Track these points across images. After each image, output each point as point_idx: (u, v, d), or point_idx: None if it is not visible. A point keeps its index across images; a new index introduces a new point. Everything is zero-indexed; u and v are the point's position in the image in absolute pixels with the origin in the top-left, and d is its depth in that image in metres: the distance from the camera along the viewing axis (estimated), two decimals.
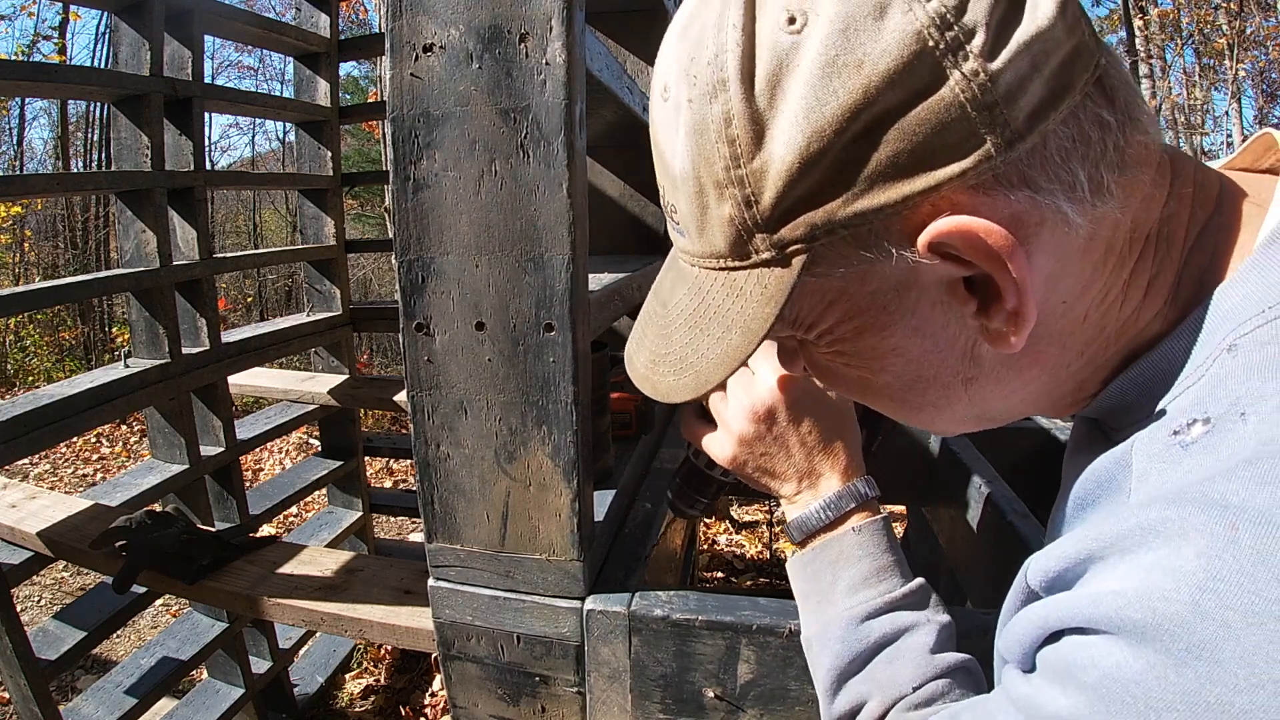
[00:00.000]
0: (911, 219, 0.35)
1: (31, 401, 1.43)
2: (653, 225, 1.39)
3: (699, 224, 0.39)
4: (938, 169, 0.33)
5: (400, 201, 0.65)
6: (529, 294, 0.64)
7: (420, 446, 0.71)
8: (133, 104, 1.63)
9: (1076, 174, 0.34)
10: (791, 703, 0.68)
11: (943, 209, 0.34)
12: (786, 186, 0.35)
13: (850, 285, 0.38)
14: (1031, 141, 0.33)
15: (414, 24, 0.61)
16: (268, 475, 4.38)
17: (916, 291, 0.38)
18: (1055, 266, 0.36)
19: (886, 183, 0.33)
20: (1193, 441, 0.34)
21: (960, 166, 0.33)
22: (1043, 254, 0.36)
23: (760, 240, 0.37)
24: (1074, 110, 0.33)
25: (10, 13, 8.69)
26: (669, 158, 0.39)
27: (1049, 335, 0.39)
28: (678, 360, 0.43)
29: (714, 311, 0.41)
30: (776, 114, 0.34)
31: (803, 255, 0.36)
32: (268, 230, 13.12)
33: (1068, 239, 0.36)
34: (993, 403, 0.43)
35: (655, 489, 0.99)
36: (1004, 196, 0.34)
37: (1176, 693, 0.28)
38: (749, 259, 0.38)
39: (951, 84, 0.32)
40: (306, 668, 2.42)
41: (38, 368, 6.79)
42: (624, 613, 0.70)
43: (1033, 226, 0.35)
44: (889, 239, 0.35)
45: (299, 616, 1.14)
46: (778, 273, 0.37)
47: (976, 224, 0.33)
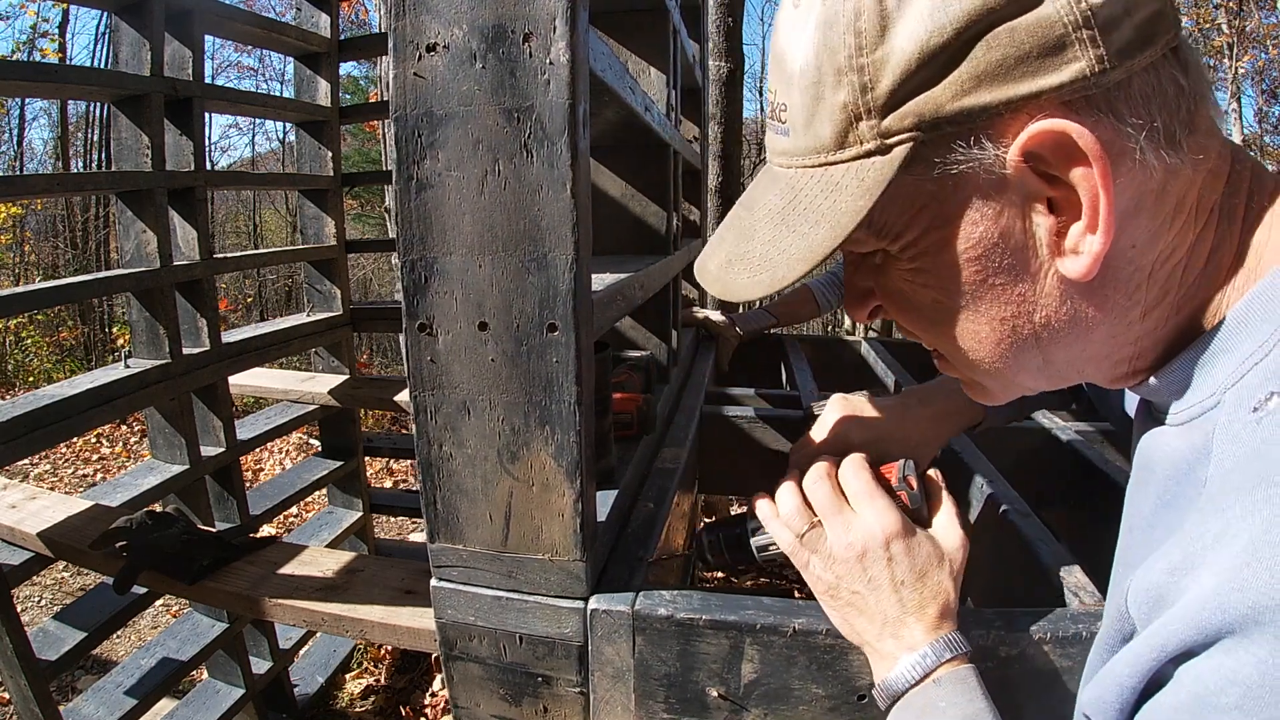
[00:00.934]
0: (1010, 124, 0.38)
1: (31, 402, 1.42)
2: (655, 226, 1.39)
3: (809, 115, 0.41)
4: (1039, 78, 0.36)
5: (403, 201, 0.65)
6: (532, 294, 0.64)
7: (423, 446, 0.71)
8: (133, 104, 1.63)
9: (1155, 118, 0.37)
10: (795, 702, 0.68)
11: (1040, 117, 0.37)
12: (903, 77, 0.38)
13: (942, 190, 0.40)
14: (1120, 75, 0.36)
15: (417, 23, 0.61)
16: (268, 475, 4.38)
17: (1003, 205, 0.40)
18: (1129, 204, 0.39)
19: (993, 84, 0.37)
20: (1269, 414, 0.34)
21: (1059, 79, 0.36)
22: (1122, 186, 0.38)
23: (867, 128, 0.39)
24: (1155, 62, 0.37)
25: (10, 12, 8.68)
26: (790, 56, 0.42)
27: (1116, 279, 0.41)
28: (757, 258, 0.44)
29: (804, 208, 0.42)
30: (903, 12, 0.37)
31: (905, 146, 0.39)
32: (268, 230, 13.11)
33: (1143, 180, 0.38)
34: (1058, 349, 0.44)
35: (658, 489, 0.99)
36: (1092, 118, 0.37)
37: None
38: (852, 149, 0.40)
39: (1058, 5, 0.35)
40: (307, 668, 2.42)
41: (38, 368, 6.79)
42: (628, 612, 0.70)
43: (1116, 154, 0.37)
44: (988, 139, 0.38)
45: (299, 617, 1.14)
46: (877, 164, 0.40)
47: (1071, 126, 0.36)
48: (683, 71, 1.64)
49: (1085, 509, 1.12)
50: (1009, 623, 0.65)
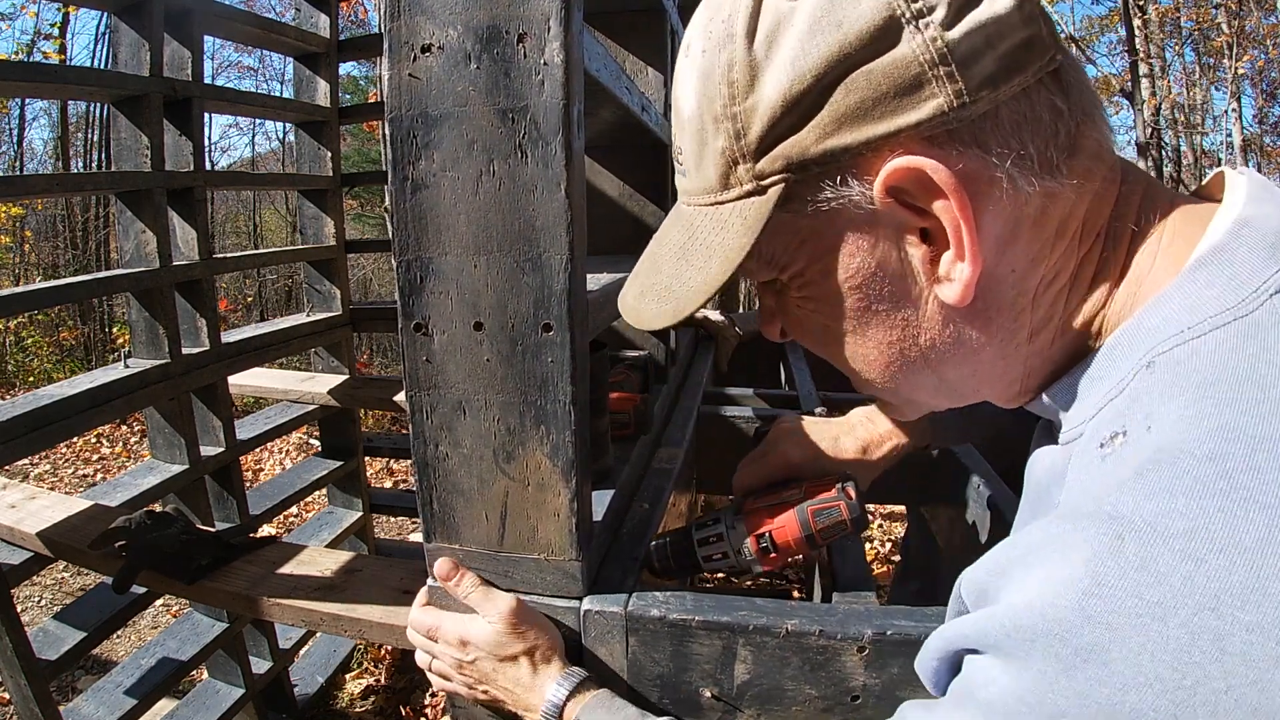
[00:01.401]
0: (874, 162, 0.39)
1: (31, 402, 1.43)
2: (651, 225, 1.39)
3: (697, 158, 0.45)
4: (897, 116, 0.38)
5: (398, 202, 0.65)
6: (527, 294, 0.64)
7: (419, 446, 0.71)
8: (132, 104, 1.63)
9: (1026, 145, 0.38)
10: (788, 702, 0.68)
11: (900, 154, 0.39)
12: (770, 123, 0.40)
13: (820, 224, 0.43)
14: (983, 106, 0.38)
15: (412, 24, 0.61)
16: (268, 475, 4.38)
17: (877, 236, 0.42)
18: (1005, 230, 0.40)
19: (853, 125, 0.39)
20: (1111, 454, 0.37)
21: (917, 116, 0.38)
22: (993, 214, 0.40)
23: (744, 171, 0.42)
24: (1026, 90, 0.38)
25: (11, 12, 8.68)
26: (681, 103, 0.45)
27: (999, 302, 0.43)
28: (663, 289, 0.48)
29: (700, 243, 0.46)
30: (770, 63, 0.40)
31: (778, 187, 0.42)
32: (268, 230, 13.11)
33: (1018, 206, 0.40)
34: (948, 369, 0.46)
35: (654, 489, 0.99)
36: (956, 151, 0.38)
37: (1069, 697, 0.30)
38: (734, 189, 0.43)
39: (913, 45, 0.37)
40: (307, 668, 2.42)
41: (38, 368, 6.80)
42: (621, 613, 0.70)
43: (983, 184, 0.39)
44: (853, 178, 0.40)
45: (299, 616, 1.14)
46: (756, 203, 0.42)
47: (925, 162, 0.38)
48: None
49: None
50: None
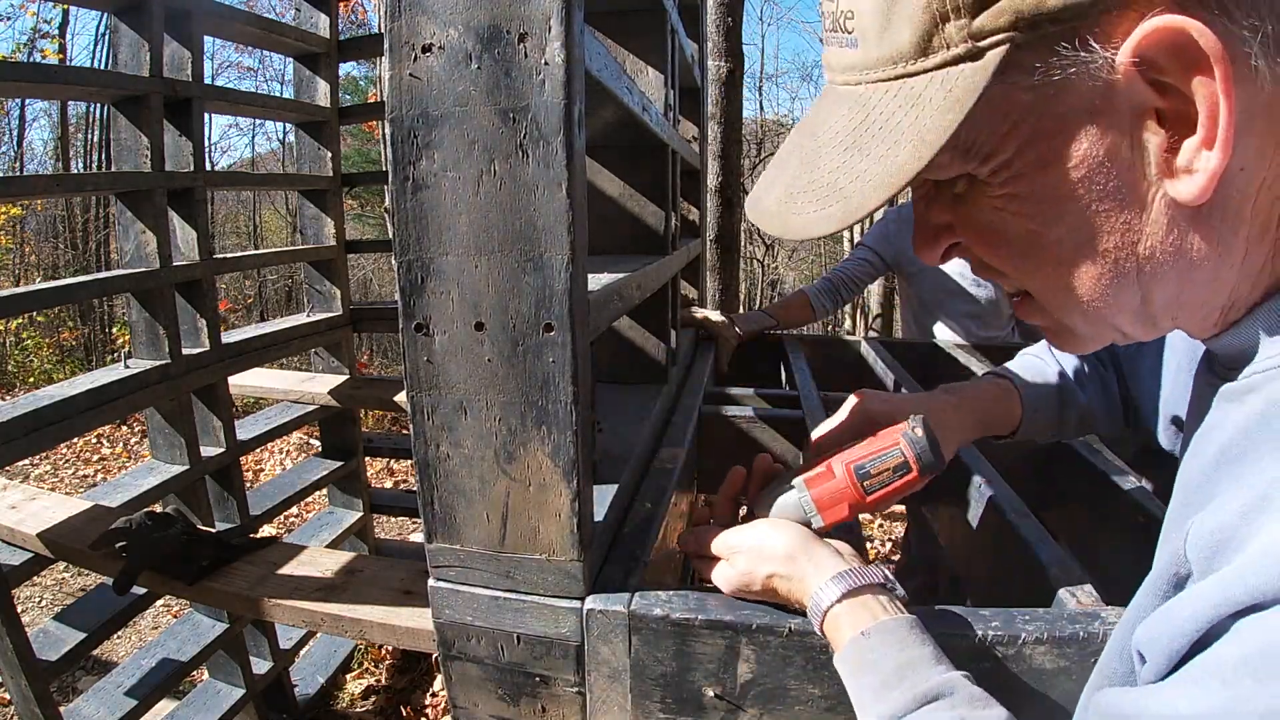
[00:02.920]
0: (1120, 22, 0.33)
1: (32, 402, 1.43)
2: (653, 225, 1.39)
3: (884, 19, 0.36)
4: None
5: (399, 202, 0.65)
6: (528, 294, 0.64)
7: (420, 447, 0.71)
8: (132, 105, 1.63)
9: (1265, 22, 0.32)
10: (791, 702, 0.68)
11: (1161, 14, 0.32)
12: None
13: (1041, 102, 0.35)
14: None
15: (412, 24, 0.61)
16: (268, 476, 4.38)
17: (1109, 118, 0.35)
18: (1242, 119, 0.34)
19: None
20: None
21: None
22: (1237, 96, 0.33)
23: (955, 29, 0.34)
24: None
25: (10, 13, 8.68)
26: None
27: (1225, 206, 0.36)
28: (825, 187, 0.39)
29: (880, 127, 0.37)
30: None
31: (1000, 49, 0.34)
32: (268, 231, 13.12)
33: (1253, 90, 0.34)
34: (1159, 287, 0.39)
35: (655, 489, 0.99)
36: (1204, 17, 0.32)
37: None
38: (936, 55, 0.35)
39: None
40: (307, 668, 2.42)
41: (38, 368, 6.80)
42: (624, 612, 0.70)
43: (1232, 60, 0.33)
44: (1096, 40, 0.33)
45: (299, 617, 1.14)
46: (967, 71, 0.35)
47: (1192, 24, 0.32)
48: (681, 71, 1.64)
49: (1084, 510, 1.12)
50: (1006, 622, 0.65)
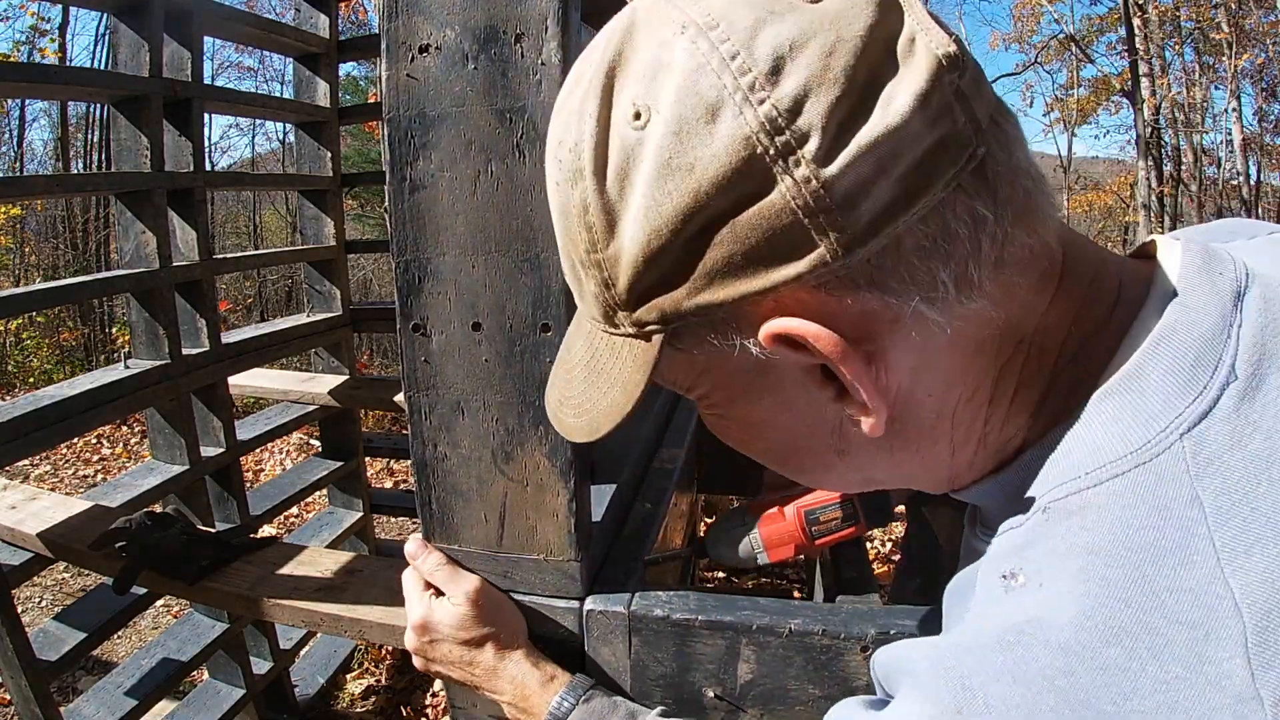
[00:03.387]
0: (755, 313, 0.35)
1: (32, 402, 1.43)
2: None
3: (578, 292, 0.41)
4: (773, 270, 0.33)
5: (397, 202, 0.65)
6: (525, 294, 0.64)
7: (417, 447, 0.71)
8: (132, 105, 1.63)
9: (937, 274, 0.33)
10: (792, 702, 0.68)
11: (787, 305, 0.34)
12: (635, 276, 0.35)
13: (714, 360, 0.39)
14: (879, 244, 0.32)
15: (409, 25, 0.61)
16: (268, 476, 4.38)
17: (777, 374, 0.38)
18: (917, 361, 0.36)
19: (724, 280, 0.34)
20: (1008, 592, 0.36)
21: (795, 270, 0.32)
22: (901, 349, 0.35)
23: (623, 317, 0.38)
24: (936, 207, 0.32)
25: (10, 13, 8.68)
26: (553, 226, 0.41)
27: (917, 426, 0.39)
28: (577, 404, 0.44)
29: (602, 366, 0.42)
30: (625, 206, 0.34)
31: (660, 334, 0.37)
32: (268, 231, 13.12)
33: (929, 336, 0.35)
34: (873, 471, 0.43)
35: (656, 489, 0.99)
36: (851, 296, 0.33)
37: None
38: (620, 329, 0.39)
39: (782, 190, 0.31)
40: (307, 668, 2.42)
41: (38, 369, 6.80)
42: (624, 613, 0.70)
43: (886, 324, 0.34)
44: (736, 330, 0.36)
45: (299, 617, 1.14)
46: (643, 345, 0.39)
47: (806, 329, 0.33)
48: None
49: None
50: None
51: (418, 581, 0.75)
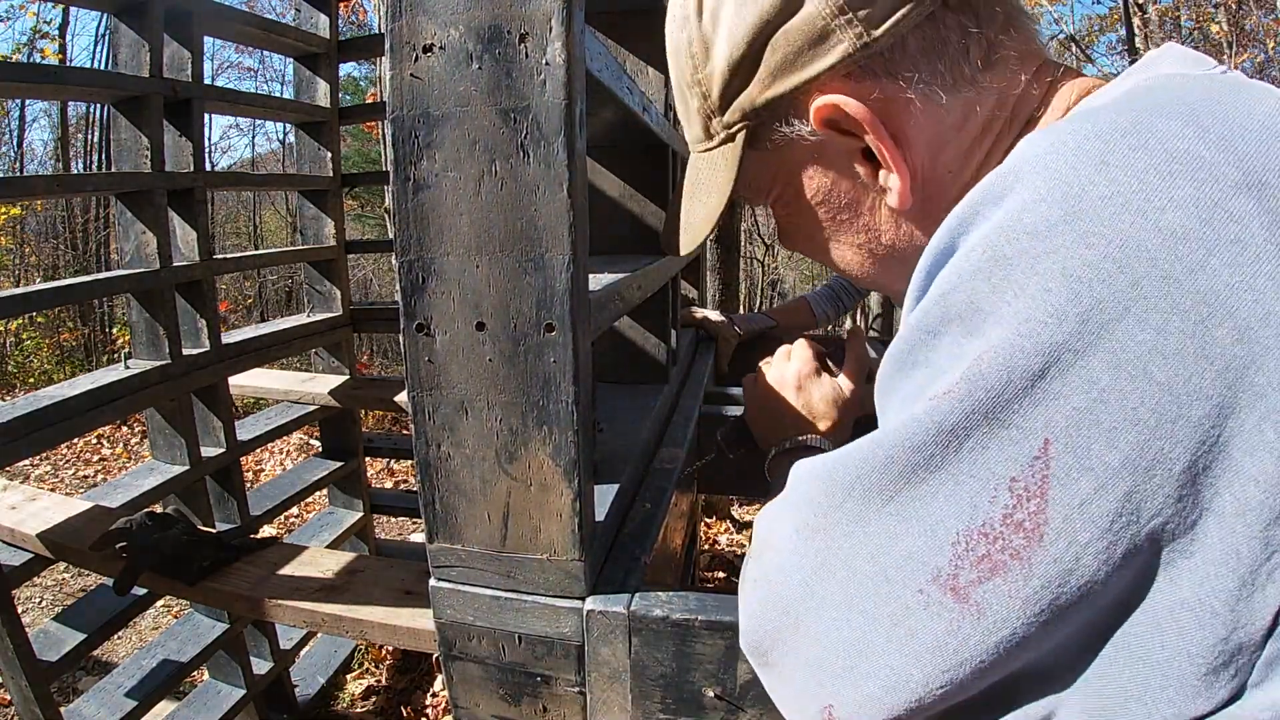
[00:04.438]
0: (806, 101, 0.46)
1: (32, 403, 1.43)
2: (653, 225, 1.39)
3: (686, 118, 0.54)
4: (814, 64, 0.45)
5: (400, 202, 0.65)
6: (529, 294, 0.64)
7: (421, 447, 0.71)
8: (132, 105, 1.63)
9: (936, 67, 0.44)
10: None
11: (828, 91, 0.45)
12: (724, 85, 0.49)
13: (781, 156, 0.51)
14: (887, 41, 0.43)
15: (414, 24, 0.61)
16: (268, 476, 4.38)
17: (828, 159, 0.50)
18: (932, 137, 0.46)
19: (783, 75, 0.46)
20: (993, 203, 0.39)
21: (829, 61, 0.44)
22: (916, 127, 0.46)
23: (717, 124, 0.51)
24: (931, 16, 0.43)
25: (10, 14, 8.67)
26: (670, 72, 0.54)
27: (942, 194, 0.48)
28: (685, 224, 0.58)
29: (703, 183, 0.55)
30: (715, 35, 0.48)
31: (742, 132, 0.50)
32: (268, 231, 13.11)
33: (939, 117, 0.46)
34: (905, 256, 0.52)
35: (655, 489, 0.99)
36: (870, 82, 0.45)
37: None
38: (715, 138, 0.52)
39: (816, 3, 0.43)
40: (308, 668, 2.42)
41: (38, 369, 6.80)
42: (624, 613, 0.70)
43: (901, 104, 0.45)
44: (795, 118, 0.48)
45: (300, 617, 1.14)
46: (730, 147, 0.52)
47: (839, 99, 0.45)
48: None
49: None
50: None
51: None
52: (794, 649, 0.41)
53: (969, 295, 0.32)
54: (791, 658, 0.41)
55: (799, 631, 0.40)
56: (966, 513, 0.31)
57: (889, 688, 0.34)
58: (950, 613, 0.32)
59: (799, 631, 0.40)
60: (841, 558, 0.37)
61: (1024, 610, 0.30)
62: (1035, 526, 0.29)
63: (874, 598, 0.35)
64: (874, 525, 0.35)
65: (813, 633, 0.39)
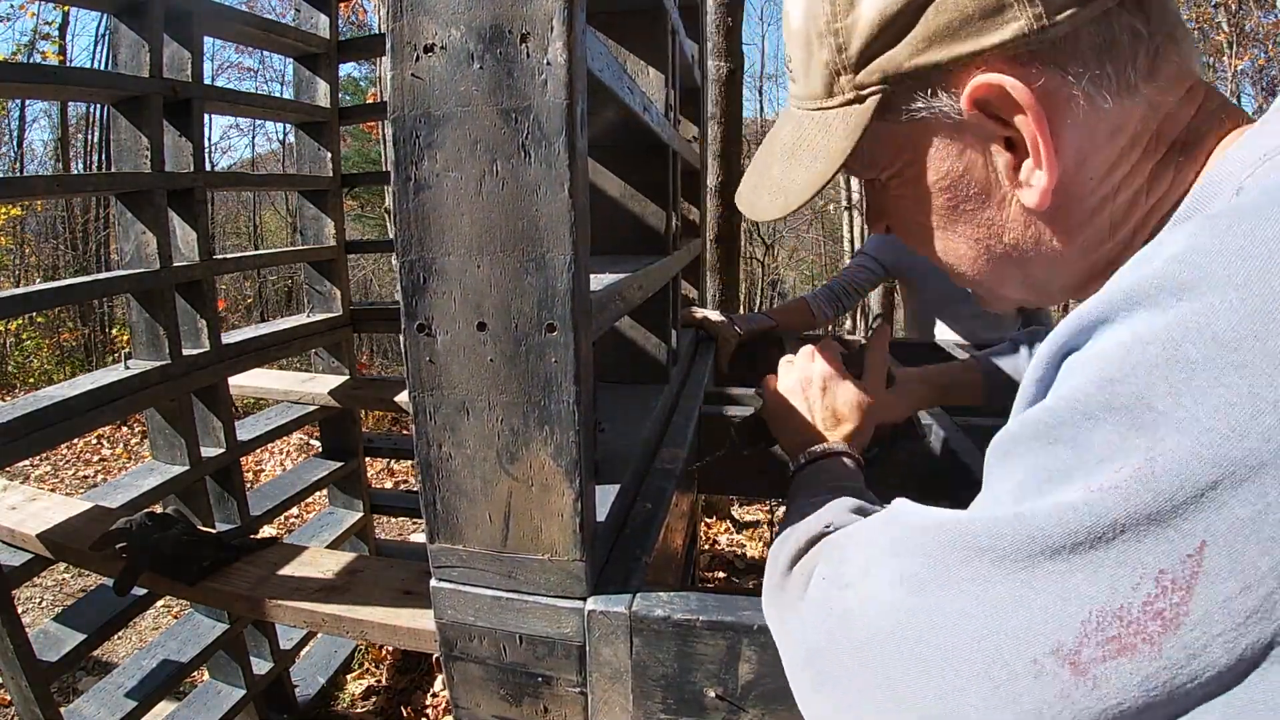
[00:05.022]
0: (962, 77, 0.43)
1: (32, 403, 1.43)
2: (654, 225, 1.39)
3: (805, 69, 0.49)
4: (982, 37, 0.41)
5: (401, 202, 0.65)
6: (531, 294, 0.64)
7: (422, 447, 0.71)
8: (132, 105, 1.63)
9: (1105, 67, 0.41)
10: (793, 703, 0.68)
11: (985, 71, 0.42)
12: (868, 40, 0.44)
13: (913, 131, 0.46)
14: (1063, 29, 0.40)
15: (415, 24, 0.61)
16: (268, 476, 4.38)
17: (965, 142, 0.46)
18: (1084, 141, 0.43)
19: (942, 44, 0.42)
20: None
21: (1000, 37, 0.40)
22: (1071, 127, 0.42)
23: (845, 81, 0.46)
24: (1107, 13, 0.40)
25: (10, 14, 8.67)
26: (790, 17, 0.49)
27: (1079, 207, 0.45)
28: (774, 185, 0.53)
29: (807, 144, 0.50)
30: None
31: (876, 96, 0.45)
32: (268, 231, 13.12)
33: (1095, 120, 0.42)
34: (1034, 268, 0.49)
35: (656, 489, 0.99)
36: (1038, 69, 0.41)
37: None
38: (837, 98, 0.47)
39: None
40: (308, 668, 2.42)
41: (38, 369, 6.80)
42: (625, 613, 0.70)
43: (1063, 100, 0.42)
44: (943, 90, 0.44)
45: (300, 617, 1.14)
46: (857, 110, 0.47)
47: (1006, 80, 0.41)
48: (681, 71, 1.64)
49: None
50: None
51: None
52: (860, 688, 0.40)
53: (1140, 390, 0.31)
54: (854, 692, 0.41)
55: (868, 672, 0.40)
56: (1105, 595, 0.31)
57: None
58: (1063, 683, 0.32)
59: (868, 672, 0.40)
60: (951, 616, 0.36)
61: (1140, 685, 0.30)
62: (1175, 617, 0.30)
63: (977, 659, 0.34)
64: (999, 590, 0.34)
65: (886, 677, 0.38)
